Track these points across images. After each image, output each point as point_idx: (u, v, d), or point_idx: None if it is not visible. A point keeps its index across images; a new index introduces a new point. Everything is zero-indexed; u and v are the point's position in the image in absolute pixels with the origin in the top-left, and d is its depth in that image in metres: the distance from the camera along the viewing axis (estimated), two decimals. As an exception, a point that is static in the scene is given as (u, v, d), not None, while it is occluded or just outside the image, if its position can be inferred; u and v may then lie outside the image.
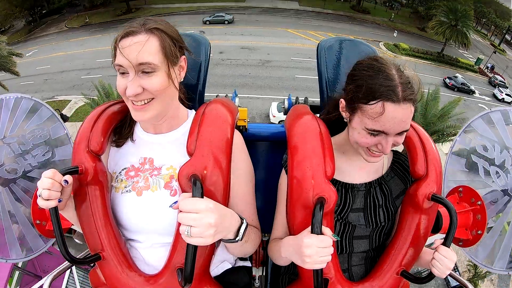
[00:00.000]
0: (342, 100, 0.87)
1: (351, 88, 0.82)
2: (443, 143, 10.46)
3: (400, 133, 0.79)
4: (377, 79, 0.76)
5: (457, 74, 22.09)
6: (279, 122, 3.89)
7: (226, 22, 25.01)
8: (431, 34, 27.15)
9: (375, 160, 0.85)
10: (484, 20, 35.45)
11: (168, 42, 0.81)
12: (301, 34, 24.30)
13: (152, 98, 0.82)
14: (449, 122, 10.36)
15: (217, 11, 27.69)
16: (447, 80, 20.33)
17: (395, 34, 27.03)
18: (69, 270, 5.48)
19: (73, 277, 5.26)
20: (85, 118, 0.93)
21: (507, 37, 33.17)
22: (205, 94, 1.18)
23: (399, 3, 34.60)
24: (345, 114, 0.87)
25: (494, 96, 21.21)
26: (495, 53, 28.59)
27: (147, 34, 0.79)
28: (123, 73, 0.81)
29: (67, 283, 5.12)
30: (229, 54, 20.03)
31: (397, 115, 0.74)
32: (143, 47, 0.77)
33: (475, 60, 26.34)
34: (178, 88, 0.89)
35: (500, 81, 23.44)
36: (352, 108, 0.82)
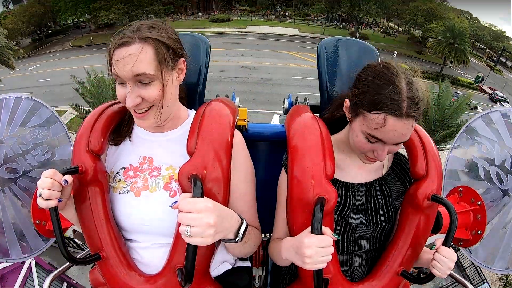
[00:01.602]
0: (347, 100, 0.88)
1: (357, 93, 0.82)
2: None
3: (397, 143, 0.81)
4: (384, 89, 0.75)
5: (458, 91, 22.12)
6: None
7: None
8: (429, 57, 27.64)
9: (370, 163, 0.90)
10: (479, 44, 37.63)
11: (163, 49, 0.80)
12: (302, 56, 24.25)
13: (152, 106, 0.83)
14: (464, 117, 9.93)
15: (216, 36, 29.28)
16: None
17: (394, 55, 26.91)
18: (29, 268, 5.38)
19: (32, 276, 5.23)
20: (85, 118, 0.93)
21: (502, 59, 34.64)
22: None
23: (396, 30, 35.94)
24: (347, 114, 0.89)
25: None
26: (493, 70, 29.63)
27: (141, 43, 0.77)
28: (121, 83, 0.81)
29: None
30: (230, 73, 20.04)
31: (397, 129, 0.76)
32: (138, 58, 0.76)
33: (474, 79, 26.82)
34: (177, 92, 0.89)
35: (500, 96, 24.00)
36: (355, 112, 0.83)
